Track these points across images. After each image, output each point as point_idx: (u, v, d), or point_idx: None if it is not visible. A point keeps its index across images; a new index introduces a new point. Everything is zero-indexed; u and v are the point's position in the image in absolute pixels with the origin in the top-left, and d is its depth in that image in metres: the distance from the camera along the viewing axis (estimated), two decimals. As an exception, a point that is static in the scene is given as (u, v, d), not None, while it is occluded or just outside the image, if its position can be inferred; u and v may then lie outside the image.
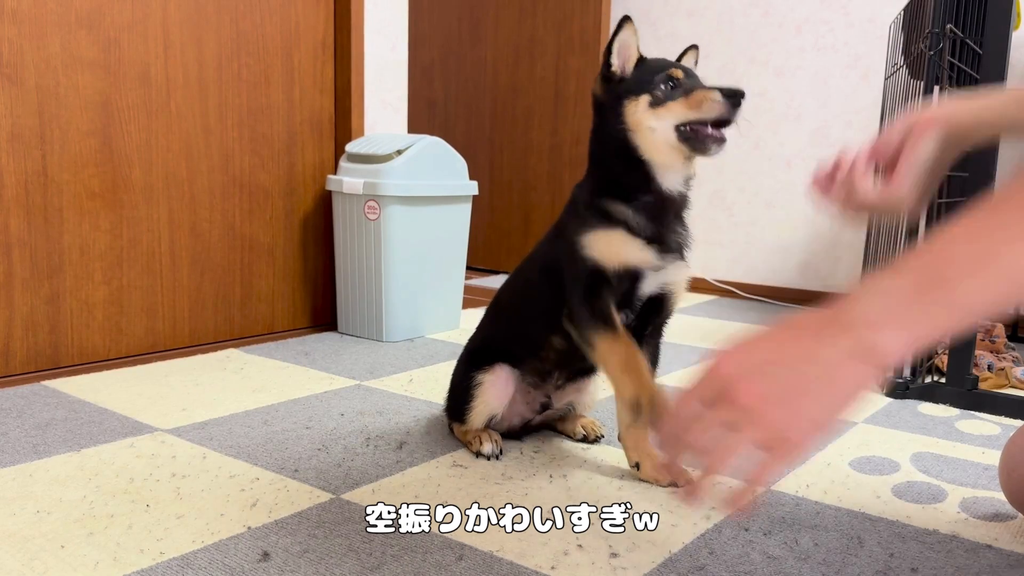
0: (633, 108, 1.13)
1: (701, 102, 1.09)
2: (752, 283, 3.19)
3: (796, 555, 1.04)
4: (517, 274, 1.41)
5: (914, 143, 0.91)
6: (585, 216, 1.20)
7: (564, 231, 1.24)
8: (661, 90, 1.12)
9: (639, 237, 1.17)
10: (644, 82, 1.13)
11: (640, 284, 1.20)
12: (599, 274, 1.17)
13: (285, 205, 2.26)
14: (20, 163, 1.74)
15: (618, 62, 1.15)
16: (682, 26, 3.27)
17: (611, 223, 1.17)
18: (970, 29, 1.88)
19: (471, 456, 1.36)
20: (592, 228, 1.18)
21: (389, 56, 2.44)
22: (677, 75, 1.13)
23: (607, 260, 1.17)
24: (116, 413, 1.54)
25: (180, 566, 0.97)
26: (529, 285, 1.34)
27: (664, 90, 1.12)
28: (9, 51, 1.71)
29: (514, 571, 0.98)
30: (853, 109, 2.93)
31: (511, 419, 1.42)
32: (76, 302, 1.86)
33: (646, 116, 1.13)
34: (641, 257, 1.17)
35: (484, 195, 3.59)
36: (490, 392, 1.34)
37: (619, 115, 1.15)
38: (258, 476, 1.25)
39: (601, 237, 1.17)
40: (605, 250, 1.17)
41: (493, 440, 1.35)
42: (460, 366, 1.42)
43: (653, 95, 1.12)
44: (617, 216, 1.17)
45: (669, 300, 1.25)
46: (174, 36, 1.97)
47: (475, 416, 1.35)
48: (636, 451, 1.28)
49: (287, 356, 2.02)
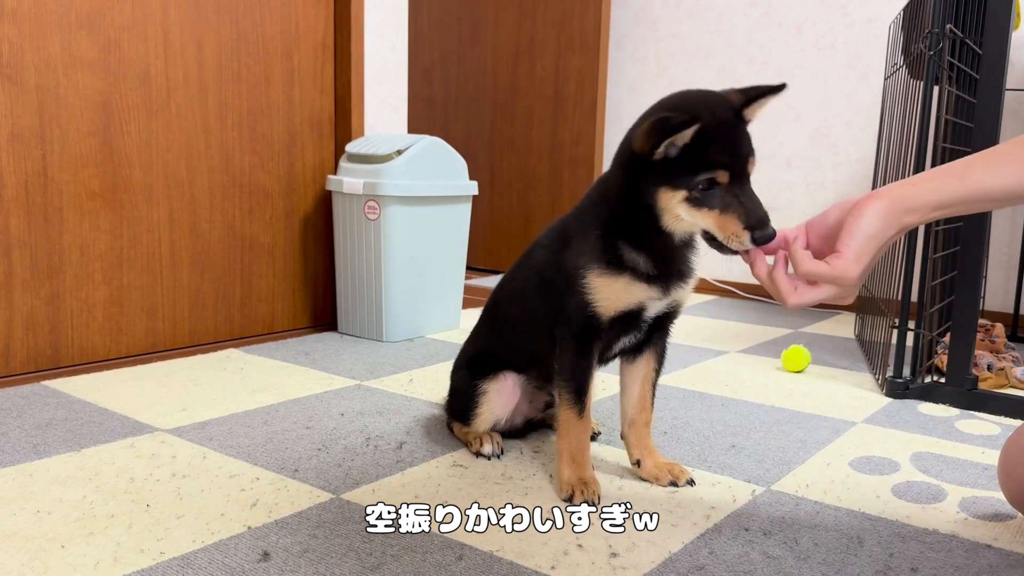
0: (668, 198, 1.07)
1: (729, 233, 1.04)
2: (752, 283, 3.19)
3: (796, 555, 1.04)
4: (514, 278, 1.38)
5: (857, 215, 0.95)
6: (595, 248, 1.16)
7: (568, 249, 1.20)
8: (700, 193, 1.05)
9: (643, 280, 1.15)
10: (685, 178, 1.05)
11: (645, 312, 1.19)
12: (594, 320, 1.16)
13: (285, 205, 2.26)
14: (20, 163, 1.74)
15: (664, 150, 1.05)
16: (682, 26, 3.27)
17: (619, 267, 1.14)
18: (970, 29, 1.88)
19: (471, 456, 1.36)
20: (598, 265, 1.15)
21: (389, 56, 2.44)
22: (722, 180, 1.04)
23: (605, 309, 1.15)
24: (116, 413, 1.54)
25: (180, 566, 0.97)
26: (527, 297, 1.31)
27: (702, 194, 1.05)
28: (9, 51, 1.71)
29: (514, 571, 0.98)
30: (853, 109, 2.93)
31: (514, 419, 1.42)
32: (76, 302, 1.86)
33: (679, 208, 1.07)
34: (644, 296, 1.16)
35: (484, 195, 3.59)
36: (496, 400, 1.34)
37: (652, 193, 1.08)
38: (258, 476, 1.26)
39: (605, 283, 1.15)
40: (606, 297, 1.15)
41: (494, 441, 1.36)
42: (462, 371, 1.40)
43: (691, 194, 1.05)
44: (627, 262, 1.14)
45: (677, 311, 1.24)
46: (174, 36, 1.97)
47: (480, 422, 1.35)
48: (638, 448, 1.28)
49: (287, 356, 2.02)
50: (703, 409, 1.67)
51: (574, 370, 1.20)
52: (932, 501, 1.23)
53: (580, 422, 1.21)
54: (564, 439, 1.22)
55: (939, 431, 1.57)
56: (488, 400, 1.34)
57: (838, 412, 1.67)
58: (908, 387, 1.78)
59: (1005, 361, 1.95)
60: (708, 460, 1.38)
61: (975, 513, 1.19)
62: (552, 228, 1.30)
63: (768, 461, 1.38)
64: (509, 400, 1.36)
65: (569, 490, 1.18)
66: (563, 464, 1.21)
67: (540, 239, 1.32)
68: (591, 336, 1.18)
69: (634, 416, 1.29)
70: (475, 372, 1.37)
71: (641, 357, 1.29)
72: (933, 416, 1.66)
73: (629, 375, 1.30)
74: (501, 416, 1.36)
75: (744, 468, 1.34)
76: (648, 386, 1.29)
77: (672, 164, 1.05)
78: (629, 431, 1.30)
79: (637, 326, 1.21)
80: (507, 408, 1.36)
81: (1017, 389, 1.87)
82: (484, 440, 1.36)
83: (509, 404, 1.36)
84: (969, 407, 1.71)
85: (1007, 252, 2.70)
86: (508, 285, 1.39)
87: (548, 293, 1.23)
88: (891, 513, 1.18)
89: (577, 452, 1.21)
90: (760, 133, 3.11)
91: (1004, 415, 1.67)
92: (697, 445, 1.45)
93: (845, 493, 1.25)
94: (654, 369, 1.29)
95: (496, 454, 1.35)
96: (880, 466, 1.37)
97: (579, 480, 1.19)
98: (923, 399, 1.77)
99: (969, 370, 1.73)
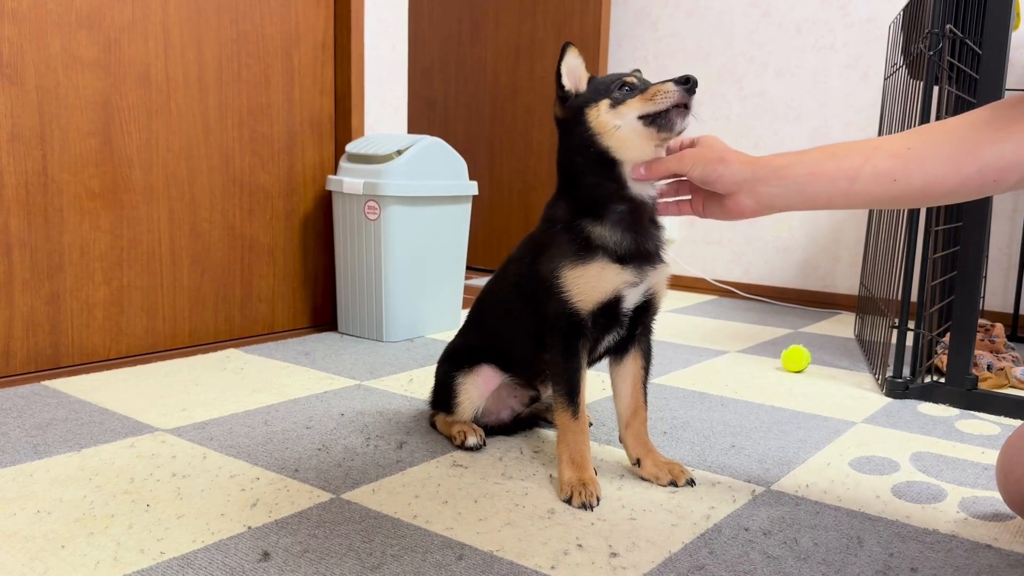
0: (595, 112, 1.17)
1: (656, 94, 1.14)
2: (751, 283, 3.19)
3: (796, 555, 1.04)
4: (493, 290, 1.43)
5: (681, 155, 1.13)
6: (562, 243, 1.21)
7: (541, 258, 1.25)
8: (619, 93, 1.17)
9: (616, 261, 1.18)
10: (600, 91, 1.19)
11: (623, 303, 1.22)
12: (576, 318, 1.20)
13: (285, 205, 2.26)
14: (20, 163, 1.74)
15: (570, 82, 1.21)
16: (682, 26, 3.27)
17: (588, 252, 1.18)
18: (970, 29, 1.88)
19: (471, 456, 1.36)
20: (569, 261, 1.19)
21: (389, 56, 2.44)
22: (631, 81, 1.18)
23: (584, 302, 1.19)
24: (116, 413, 1.54)
25: (180, 566, 0.97)
26: (508, 308, 1.36)
27: (621, 92, 1.17)
28: (9, 51, 1.71)
29: (514, 571, 0.98)
30: (853, 109, 2.93)
31: (500, 413, 1.45)
32: (76, 302, 1.86)
33: (609, 116, 1.16)
34: (620, 281, 1.19)
35: (484, 195, 3.59)
36: (473, 390, 1.40)
37: (583, 123, 1.18)
38: (258, 476, 1.26)
39: (579, 274, 1.18)
40: (582, 289, 1.18)
41: (477, 434, 1.40)
42: (444, 365, 1.46)
43: (612, 98, 1.17)
44: (595, 241, 1.19)
45: (654, 302, 1.27)
46: (174, 36, 1.97)
47: (462, 410, 1.41)
48: (636, 448, 1.29)
49: (287, 356, 2.02)
50: (703, 409, 1.67)
51: (564, 373, 1.23)
52: (932, 501, 1.23)
53: (576, 423, 1.23)
54: (563, 442, 1.24)
55: (939, 431, 1.57)
56: (466, 389, 1.39)
57: (838, 412, 1.67)
58: (908, 387, 1.78)
59: (1005, 361, 1.95)
60: (708, 460, 1.38)
61: (975, 513, 1.19)
62: (522, 243, 1.36)
63: (768, 461, 1.38)
64: (486, 388, 1.40)
65: (568, 491, 1.19)
66: (563, 466, 1.22)
67: (513, 254, 1.38)
68: (576, 336, 1.21)
69: (629, 417, 1.30)
70: (455, 364, 1.42)
71: (627, 357, 1.30)
72: (933, 416, 1.66)
73: (618, 376, 1.32)
74: (479, 403, 1.40)
75: (744, 468, 1.34)
76: (639, 385, 1.30)
77: (586, 93, 1.20)
78: (626, 433, 1.31)
79: (619, 320, 1.24)
80: (483, 396, 1.40)
81: (1017, 389, 1.87)
82: (468, 433, 1.39)
83: (486, 391, 1.41)
84: (969, 407, 1.71)
85: (1007, 252, 2.70)
86: (489, 296, 1.44)
87: (529, 303, 1.27)
88: (891, 513, 1.18)
89: (576, 453, 1.22)
90: (760, 133, 3.12)
91: (1004, 415, 1.67)
92: (697, 445, 1.45)
93: (845, 493, 1.25)
94: (642, 368, 1.31)
95: (479, 445, 1.39)
96: (880, 466, 1.37)
97: (579, 481, 1.20)
98: (923, 399, 1.77)
99: (969, 370, 1.73)
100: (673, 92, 1.12)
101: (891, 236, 1.93)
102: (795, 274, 3.10)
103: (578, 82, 1.21)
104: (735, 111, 3.17)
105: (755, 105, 3.12)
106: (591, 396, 1.72)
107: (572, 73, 1.21)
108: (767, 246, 3.15)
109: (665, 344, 2.24)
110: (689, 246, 3.34)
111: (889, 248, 1.94)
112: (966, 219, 1.71)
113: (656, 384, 1.84)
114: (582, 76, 1.21)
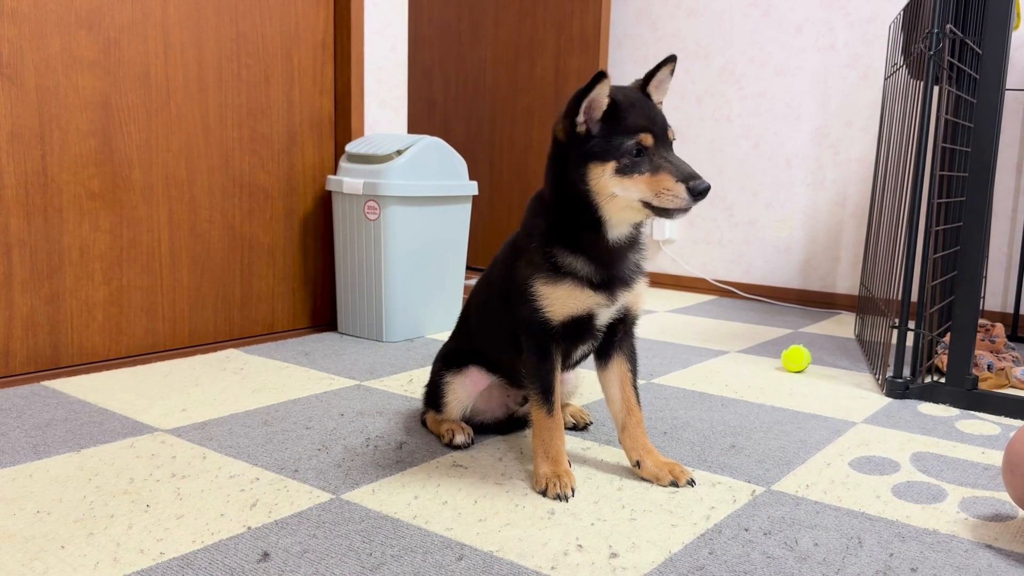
0: (599, 172, 1.11)
1: (665, 190, 1.08)
2: (751, 283, 3.19)
3: (796, 555, 1.04)
4: (479, 292, 1.44)
5: None
6: (536, 260, 1.22)
7: (518, 263, 1.26)
8: (629, 159, 1.10)
9: (588, 286, 1.19)
10: (612, 148, 1.10)
11: (595, 319, 1.23)
12: (546, 325, 1.21)
13: (285, 205, 2.26)
14: (20, 163, 1.74)
15: (584, 119, 1.12)
16: (682, 26, 3.27)
17: (560, 273, 1.20)
18: (970, 29, 1.88)
19: (471, 456, 1.36)
20: (542, 275, 1.20)
21: (389, 56, 2.44)
22: (646, 143, 1.10)
23: (554, 314, 1.20)
24: (116, 413, 1.54)
25: (180, 566, 0.97)
26: (492, 311, 1.37)
27: (631, 160, 1.10)
28: (9, 51, 1.71)
29: (514, 571, 0.98)
30: (853, 109, 2.93)
31: (495, 411, 1.47)
32: (76, 302, 1.86)
33: (611, 182, 1.11)
34: (590, 303, 1.20)
35: (484, 195, 3.59)
36: (461, 391, 1.42)
37: (583, 174, 1.13)
38: (258, 476, 1.26)
39: (549, 290, 1.20)
40: (552, 303, 1.20)
41: (465, 432, 1.41)
42: (437, 365, 1.47)
43: (620, 163, 1.10)
44: (566, 268, 1.19)
45: (629, 316, 1.28)
46: (174, 36, 1.97)
47: (450, 409, 1.42)
48: (636, 449, 1.29)
49: (287, 356, 2.02)
50: (703, 409, 1.67)
51: (538, 373, 1.25)
52: (932, 501, 1.23)
53: (550, 420, 1.25)
54: (538, 437, 1.26)
55: (939, 431, 1.57)
56: (454, 389, 1.41)
57: (838, 412, 1.67)
58: (908, 387, 1.78)
59: (1005, 361, 1.95)
60: (708, 460, 1.38)
61: (975, 513, 1.19)
62: (506, 244, 1.36)
63: (768, 461, 1.38)
64: (474, 389, 1.42)
65: (544, 483, 1.22)
66: (539, 460, 1.25)
67: (497, 256, 1.39)
68: (547, 340, 1.23)
69: (624, 420, 1.31)
70: (445, 364, 1.44)
71: (612, 361, 1.31)
72: (933, 416, 1.66)
73: (606, 381, 1.33)
74: (467, 403, 1.42)
75: (744, 468, 1.34)
76: (628, 387, 1.31)
77: (596, 142, 1.11)
78: (624, 436, 1.31)
79: (592, 334, 1.26)
80: (472, 396, 1.42)
81: (1017, 389, 1.87)
82: (455, 431, 1.41)
83: (474, 392, 1.42)
84: (969, 407, 1.71)
85: (1007, 252, 2.69)
86: (475, 299, 1.45)
87: (507, 306, 1.29)
88: (891, 513, 1.18)
89: (551, 448, 1.25)
90: (760, 133, 3.12)
91: (1004, 415, 1.67)
92: (697, 445, 1.45)
93: (845, 493, 1.25)
94: (629, 370, 1.31)
95: (467, 444, 1.40)
96: (880, 466, 1.37)
97: (553, 474, 1.22)
98: (923, 399, 1.77)
99: (969, 370, 1.73)
100: (682, 200, 1.08)
101: (891, 236, 1.93)
102: (795, 274, 3.10)
103: (595, 115, 1.12)
104: (735, 111, 3.17)
105: (755, 105, 3.12)
106: (591, 396, 1.72)
107: (592, 108, 1.12)
108: (767, 246, 3.15)
109: (665, 344, 2.24)
110: (689, 246, 3.34)
111: (889, 248, 1.94)
112: (966, 219, 1.71)
113: (656, 384, 1.84)
114: (601, 108, 1.12)
